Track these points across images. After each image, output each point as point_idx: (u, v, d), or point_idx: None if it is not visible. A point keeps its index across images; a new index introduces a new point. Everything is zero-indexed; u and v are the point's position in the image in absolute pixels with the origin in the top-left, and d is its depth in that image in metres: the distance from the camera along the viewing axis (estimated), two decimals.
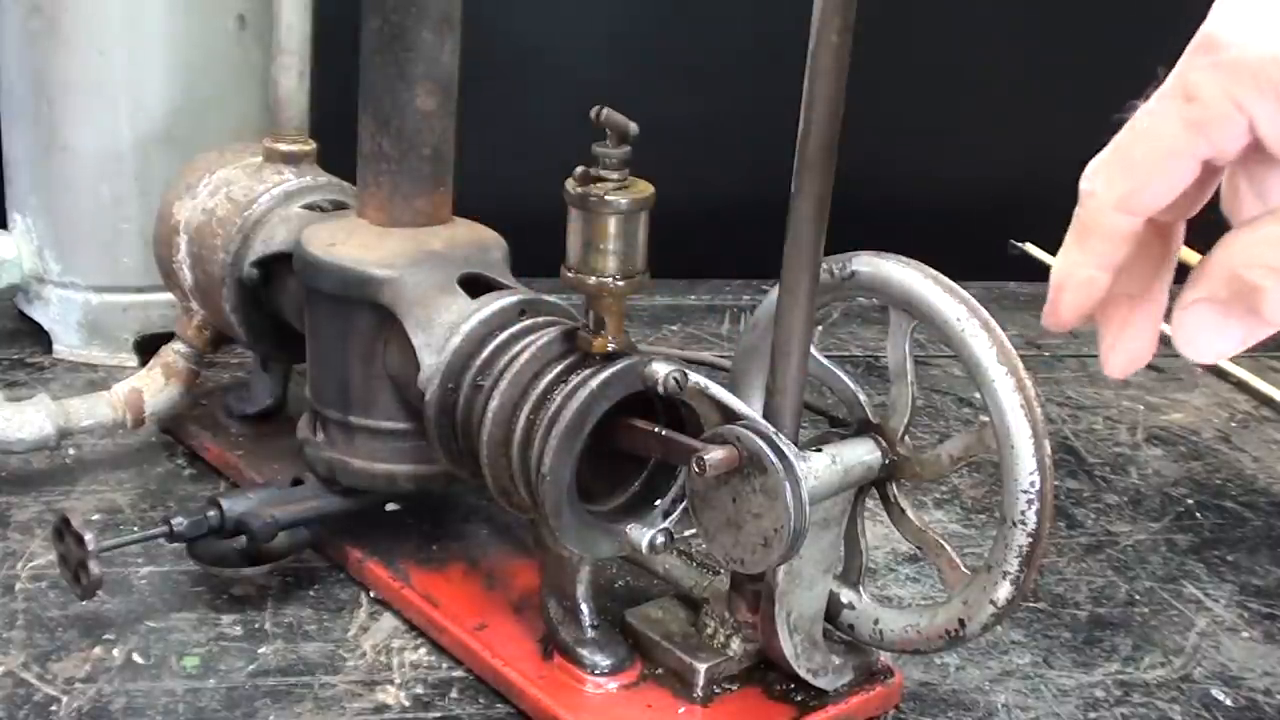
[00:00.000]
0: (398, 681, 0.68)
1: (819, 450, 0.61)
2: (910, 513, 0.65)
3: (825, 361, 0.66)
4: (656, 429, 0.63)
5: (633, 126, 0.60)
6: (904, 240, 1.64)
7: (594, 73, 1.38)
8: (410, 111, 0.72)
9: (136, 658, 0.69)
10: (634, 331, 1.08)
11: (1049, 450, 0.58)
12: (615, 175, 0.61)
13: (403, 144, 0.73)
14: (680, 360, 1.06)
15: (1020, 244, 1.43)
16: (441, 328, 0.68)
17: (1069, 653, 0.76)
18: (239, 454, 0.87)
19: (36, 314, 1.07)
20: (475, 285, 0.72)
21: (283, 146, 0.86)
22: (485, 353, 0.67)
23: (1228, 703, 0.72)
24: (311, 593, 0.76)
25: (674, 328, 1.26)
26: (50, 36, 0.99)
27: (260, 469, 0.84)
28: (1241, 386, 1.20)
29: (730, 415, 0.60)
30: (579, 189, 0.61)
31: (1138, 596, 0.82)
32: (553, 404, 0.63)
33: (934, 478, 0.64)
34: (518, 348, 0.66)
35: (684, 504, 0.64)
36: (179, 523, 0.71)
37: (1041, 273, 1.43)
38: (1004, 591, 0.60)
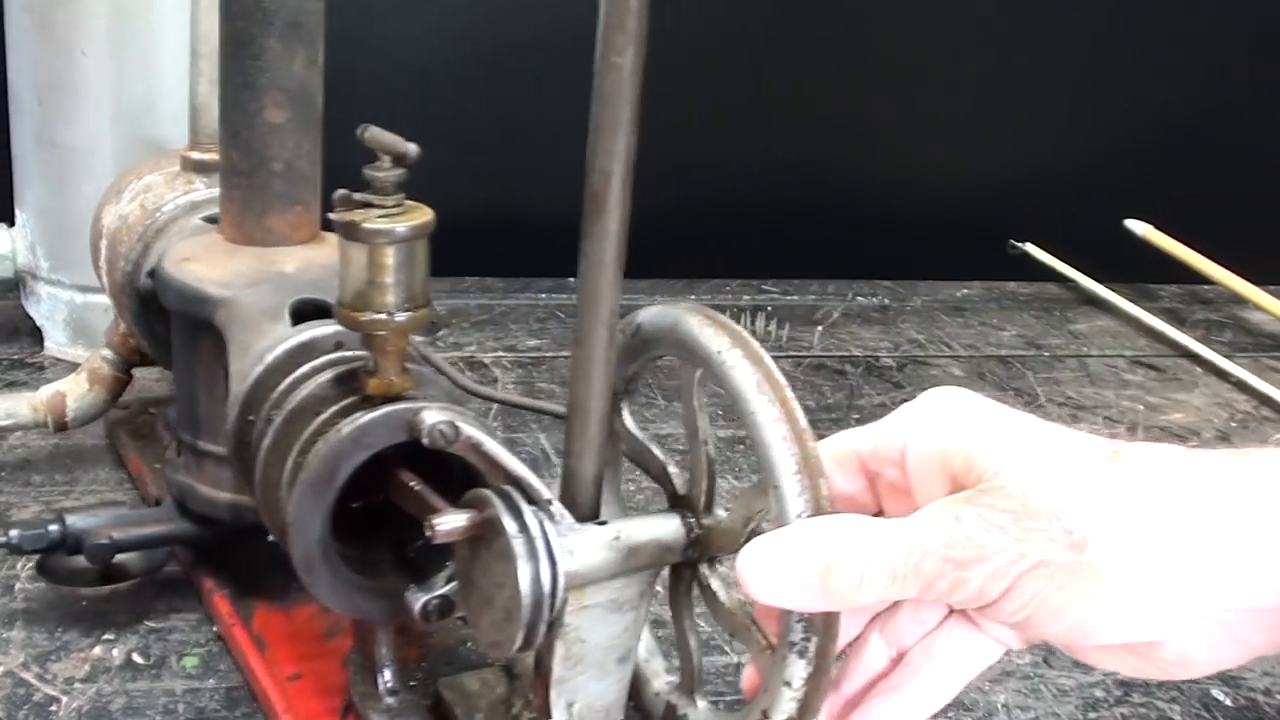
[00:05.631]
0: None
1: (603, 524, 0.54)
2: (722, 594, 0.55)
3: (638, 434, 0.59)
4: (412, 483, 0.57)
5: (411, 147, 0.54)
6: (905, 241, 1.64)
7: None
8: (259, 124, 0.68)
9: (136, 658, 0.69)
10: None
11: (826, 491, 0.48)
12: (389, 201, 0.55)
13: (251, 158, 0.68)
14: (513, 406, 1.00)
15: (1020, 244, 1.43)
16: (253, 355, 0.63)
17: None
18: (157, 467, 0.84)
19: (31, 310, 1.08)
20: (321, 313, 0.65)
21: (195, 155, 0.82)
22: (284, 385, 0.61)
23: (1227, 703, 0.72)
24: None
25: None
26: (39, 34, 0.99)
27: (164, 485, 0.78)
28: (1241, 386, 1.20)
29: (508, 475, 0.54)
30: (347, 215, 0.54)
31: None
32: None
33: (734, 549, 0.53)
34: (307, 383, 0.61)
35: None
36: (14, 535, 0.69)
37: (1041, 273, 1.44)
38: (798, 670, 0.49)
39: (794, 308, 1.34)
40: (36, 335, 1.08)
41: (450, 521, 0.52)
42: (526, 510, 0.51)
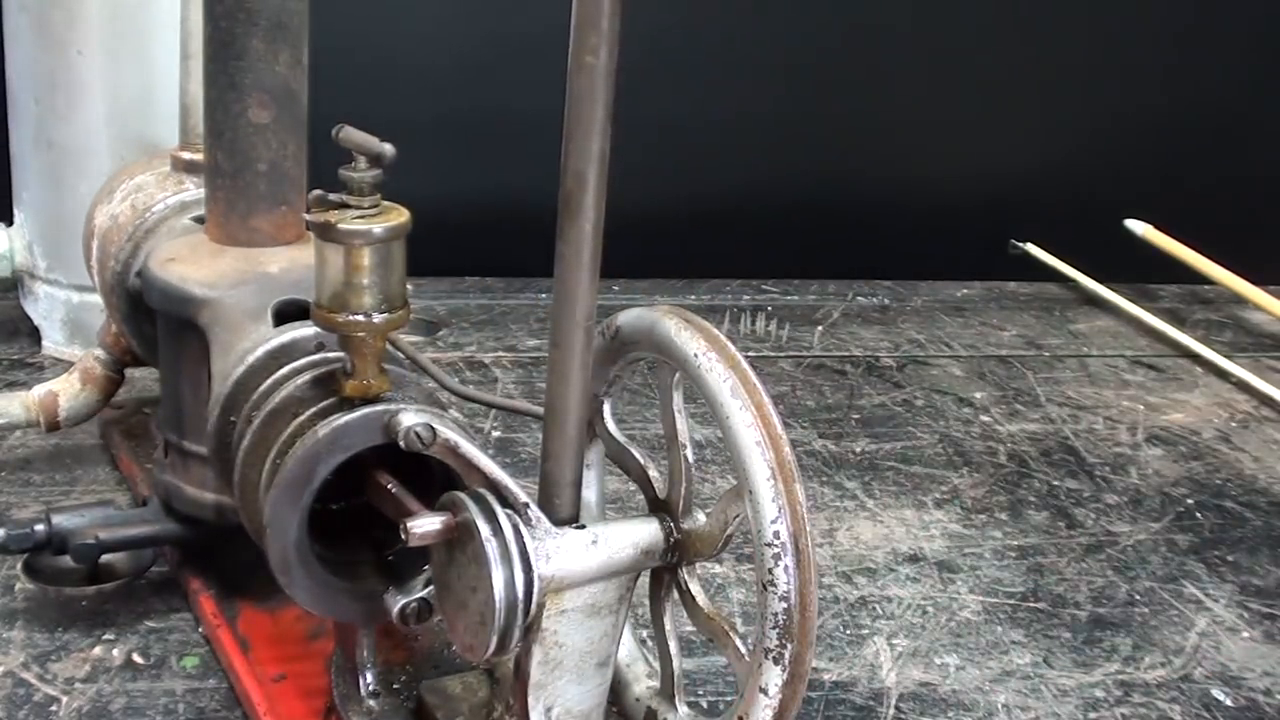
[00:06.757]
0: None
1: (581, 528, 0.53)
2: (700, 599, 0.56)
3: (619, 437, 0.59)
4: (389, 485, 0.57)
5: (386, 148, 0.53)
6: (905, 241, 1.64)
7: None
8: (242, 124, 0.67)
9: (136, 658, 0.69)
10: None
11: (802, 496, 0.49)
12: (366, 202, 0.54)
13: (236, 158, 0.68)
14: (495, 407, 0.98)
15: (1020, 244, 1.43)
16: (235, 355, 0.63)
17: (1069, 653, 0.76)
18: (148, 467, 0.84)
19: (29, 309, 1.08)
20: (305, 314, 0.63)
21: (186, 155, 0.82)
22: (264, 386, 0.61)
23: (1228, 703, 0.72)
24: None
25: None
26: (36, 34, 0.99)
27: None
28: (1242, 386, 1.20)
29: (486, 478, 0.53)
30: (322, 216, 0.53)
31: (1138, 596, 0.82)
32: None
33: (711, 553, 0.55)
34: (286, 384, 0.60)
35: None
36: (0, 534, 0.69)
37: (1042, 273, 1.44)
38: (773, 676, 0.50)
39: (794, 308, 1.34)
40: (35, 335, 1.08)
41: (425, 524, 0.51)
42: (501, 513, 0.51)
